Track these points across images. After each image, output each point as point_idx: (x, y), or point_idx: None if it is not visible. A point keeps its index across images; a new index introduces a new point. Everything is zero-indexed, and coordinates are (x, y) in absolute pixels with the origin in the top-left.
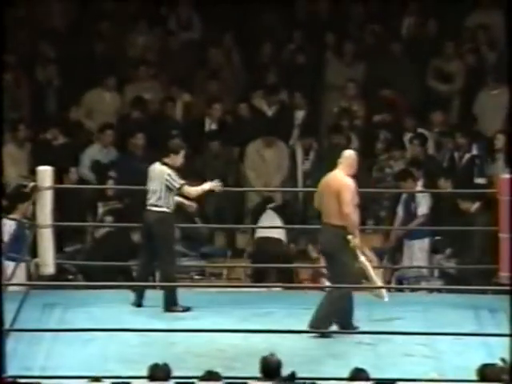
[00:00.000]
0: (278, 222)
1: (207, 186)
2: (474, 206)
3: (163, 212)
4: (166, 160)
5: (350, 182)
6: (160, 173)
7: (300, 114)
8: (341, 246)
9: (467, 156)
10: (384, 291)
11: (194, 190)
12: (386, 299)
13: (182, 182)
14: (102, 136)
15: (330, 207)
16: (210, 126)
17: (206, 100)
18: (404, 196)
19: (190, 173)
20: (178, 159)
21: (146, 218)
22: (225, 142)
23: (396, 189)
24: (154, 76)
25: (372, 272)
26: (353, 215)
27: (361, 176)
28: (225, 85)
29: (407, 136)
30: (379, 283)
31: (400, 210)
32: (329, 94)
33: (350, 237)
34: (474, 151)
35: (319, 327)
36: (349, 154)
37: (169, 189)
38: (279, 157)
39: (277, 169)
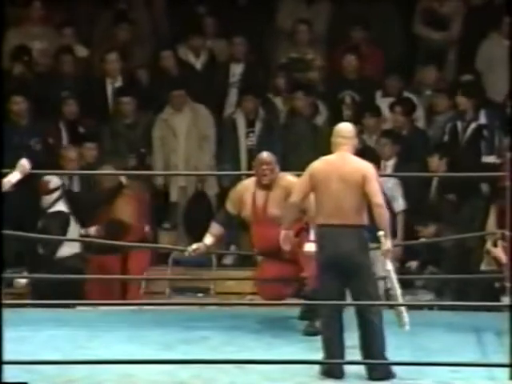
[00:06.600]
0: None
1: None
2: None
3: None
4: None
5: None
6: None
7: (238, 69)
8: None
9: (473, 126)
10: (406, 317)
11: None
12: (407, 328)
13: None
14: None
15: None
16: (113, 84)
17: (105, 51)
18: None
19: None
20: None
21: None
22: (141, 105)
23: None
24: (45, 19)
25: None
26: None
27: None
28: (138, 31)
29: (385, 100)
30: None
31: None
32: (281, 43)
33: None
34: (482, 120)
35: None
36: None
37: None
38: (199, 126)
39: (200, 142)
